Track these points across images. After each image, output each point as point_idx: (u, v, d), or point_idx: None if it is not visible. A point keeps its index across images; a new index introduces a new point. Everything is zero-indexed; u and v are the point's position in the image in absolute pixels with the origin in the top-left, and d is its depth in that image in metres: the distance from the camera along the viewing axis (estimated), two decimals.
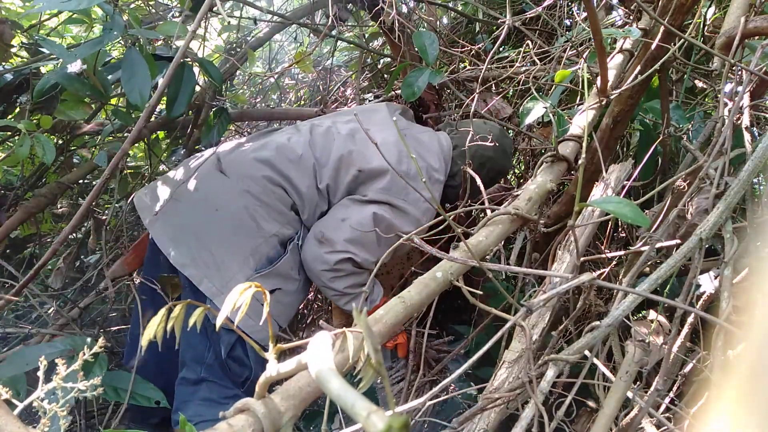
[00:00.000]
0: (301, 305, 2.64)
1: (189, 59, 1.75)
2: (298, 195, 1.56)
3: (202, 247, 1.48)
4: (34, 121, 1.66)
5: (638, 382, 1.08)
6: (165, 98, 1.70)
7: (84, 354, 0.70)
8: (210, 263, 1.46)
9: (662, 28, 1.24)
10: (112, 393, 1.45)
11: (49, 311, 1.92)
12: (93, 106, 1.88)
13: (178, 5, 2.11)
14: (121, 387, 1.44)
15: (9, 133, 1.97)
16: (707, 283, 1.10)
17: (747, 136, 1.13)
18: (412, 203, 1.58)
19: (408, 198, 1.58)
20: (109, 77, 1.66)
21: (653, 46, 1.28)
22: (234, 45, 2.50)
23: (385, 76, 2.93)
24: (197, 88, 2.21)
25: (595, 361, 0.96)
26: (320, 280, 1.55)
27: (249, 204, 1.51)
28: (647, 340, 1.09)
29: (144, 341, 0.55)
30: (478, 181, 1.32)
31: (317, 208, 1.60)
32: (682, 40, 1.30)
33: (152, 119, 1.97)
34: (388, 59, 2.68)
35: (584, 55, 1.29)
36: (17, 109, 1.89)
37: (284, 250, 1.53)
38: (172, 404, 1.49)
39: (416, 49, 1.86)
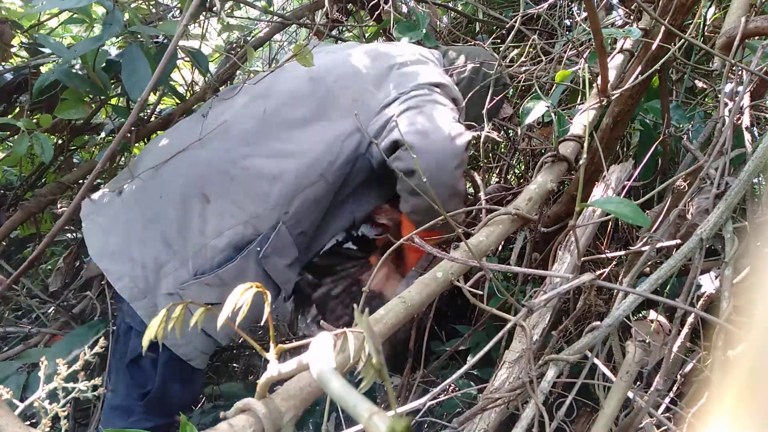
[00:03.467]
0: None
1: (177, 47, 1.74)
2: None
3: (131, 239, 1.19)
4: (34, 120, 1.65)
5: (638, 382, 1.08)
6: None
7: (85, 354, 0.70)
8: (136, 258, 1.17)
9: (662, 28, 1.24)
10: None
11: (49, 311, 1.92)
12: (93, 105, 1.88)
13: (178, 5, 2.11)
14: None
15: (8, 132, 1.96)
16: (708, 283, 1.10)
17: (747, 136, 1.13)
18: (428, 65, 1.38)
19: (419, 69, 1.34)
20: (103, 64, 1.65)
21: (653, 46, 1.28)
22: (234, 45, 2.50)
23: None
24: (197, 89, 2.22)
25: (596, 361, 0.96)
26: (445, 185, 1.19)
27: (202, 188, 1.20)
28: (647, 340, 1.09)
29: (145, 341, 0.55)
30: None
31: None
32: (683, 40, 1.30)
33: (153, 119, 1.96)
34: None
35: (584, 55, 1.29)
36: (17, 109, 1.88)
37: (236, 255, 1.19)
38: None
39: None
